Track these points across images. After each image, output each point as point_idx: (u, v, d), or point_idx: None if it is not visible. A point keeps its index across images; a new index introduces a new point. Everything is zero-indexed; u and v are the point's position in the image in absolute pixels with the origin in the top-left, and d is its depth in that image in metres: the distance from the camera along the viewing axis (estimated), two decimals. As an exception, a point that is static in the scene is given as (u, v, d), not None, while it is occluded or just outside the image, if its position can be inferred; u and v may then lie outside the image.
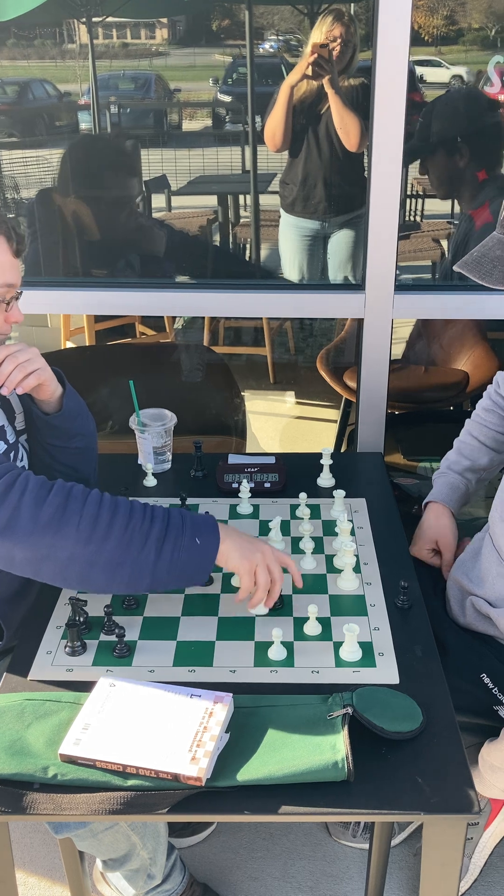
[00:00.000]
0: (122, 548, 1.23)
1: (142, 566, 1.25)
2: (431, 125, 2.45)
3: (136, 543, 1.24)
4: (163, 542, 1.25)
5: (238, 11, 3.59)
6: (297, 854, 1.88)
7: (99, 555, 1.23)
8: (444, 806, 1.08)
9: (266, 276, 3.56)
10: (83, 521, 1.23)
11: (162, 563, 1.25)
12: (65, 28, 3.64)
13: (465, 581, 1.56)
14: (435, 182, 2.55)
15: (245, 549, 1.31)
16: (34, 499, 1.23)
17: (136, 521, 1.25)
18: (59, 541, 1.22)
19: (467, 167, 2.36)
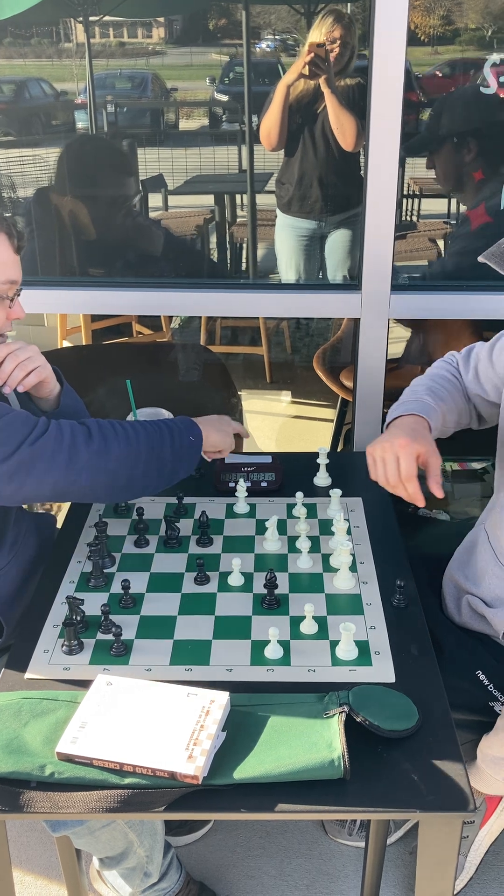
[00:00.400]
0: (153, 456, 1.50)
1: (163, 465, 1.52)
2: (441, 120, 2.44)
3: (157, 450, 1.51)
4: (171, 445, 1.53)
5: (235, 11, 3.59)
6: (293, 852, 1.89)
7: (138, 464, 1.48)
8: (439, 804, 1.08)
9: (263, 276, 3.56)
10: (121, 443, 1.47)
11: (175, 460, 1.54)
12: (61, 27, 3.64)
13: (461, 579, 1.57)
14: (441, 177, 2.55)
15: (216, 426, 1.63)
16: (84, 437, 1.45)
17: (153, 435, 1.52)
18: (109, 463, 1.45)
19: (470, 165, 2.36)
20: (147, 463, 1.49)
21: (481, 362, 1.57)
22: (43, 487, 1.43)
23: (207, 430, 1.61)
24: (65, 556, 1.59)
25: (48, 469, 1.41)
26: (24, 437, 1.40)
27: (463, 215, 2.29)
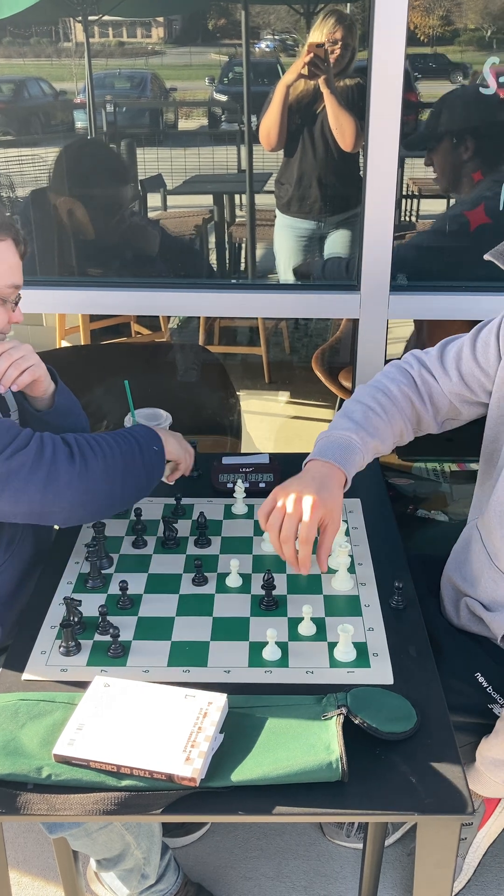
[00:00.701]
0: (129, 470, 1.50)
1: (139, 479, 1.53)
2: (441, 119, 2.44)
3: (131, 463, 1.50)
4: (142, 455, 1.53)
5: (234, 11, 3.58)
6: (291, 854, 1.88)
7: (116, 480, 1.48)
8: (438, 806, 1.08)
9: (262, 276, 3.56)
10: (99, 460, 1.46)
11: (147, 471, 1.54)
12: (61, 26, 3.63)
13: (458, 581, 1.56)
14: (440, 174, 2.54)
15: (170, 436, 1.64)
16: (65, 455, 1.43)
17: (125, 448, 1.51)
18: (90, 483, 1.44)
19: (469, 165, 2.36)
20: (125, 478, 1.48)
21: (464, 362, 1.52)
22: (18, 507, 1.40)
23: (165, 437, 1.60)
24: (62, 556, 1.59)
25: (24, 488, 1.37)
26: (1, 449, 1.37)
27: (462, 216, 2.29)
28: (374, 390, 1.55)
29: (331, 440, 1.46)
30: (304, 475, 1.40)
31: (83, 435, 1.50)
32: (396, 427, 1.53)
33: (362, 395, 1.55)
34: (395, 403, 1.53)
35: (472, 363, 1.51)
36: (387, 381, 1.56)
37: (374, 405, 1.52)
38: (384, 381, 1.57)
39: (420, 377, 1.56)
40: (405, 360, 1.60)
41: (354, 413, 1.51)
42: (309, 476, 1.39)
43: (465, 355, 1.52)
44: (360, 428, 1.47)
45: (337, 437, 1.46)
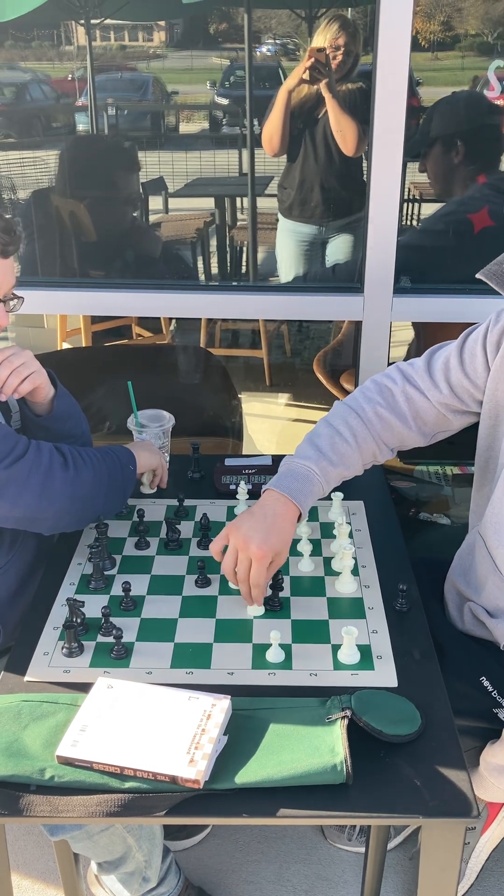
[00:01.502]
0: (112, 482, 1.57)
1: (119, 492, 1.60)
2: (434, 124, 2.45)
3: (114, 476, 1.58)
4: (122, 471, 1.60)
5: (235, 15, 3.59)
6: (292, 857, 1.88)
7: (100, 491, 1.55)
8: (442, 810, 1.07)
9: (263, 279, 3.56)
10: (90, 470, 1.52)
11: (124, 486, 1.61)
12: (63, 30, 3.64)
13: (462, 586, 1.56)
14: (433, 181, 2.55)
15: (142, 447, 1.71)
16: (59, 463, 1.48)
17: (109, 462, 1.58)
18: (79, 489, 1.50)
19: (466, 169, 2.37)
20: (108, 490, 1.56)
21: (453, 373, 1.50)
22: (13, 511, 1.45)
23: (138, 452, 1.67)
24: (65, 557, 1.58)
25: (20, 493, 1.43)
26: (1, 458, 1.40)
27: (464, 218, 2.29)
28: (348, 411, 1.54)
29: (291, 469, 1.47)
30: (258, 510, 1.42)
31: (74, 447, 1.55)
32: (367, 451, 1.53)
33: (334, 416, 1.55)
34: (367, 426, 1.52)
35: (460, 374, 1.50)
36: (362, 401, 1.55)
37: (344, 430, 1.51)
38: (360, 401, 1.56)
39: (404, 394, 1.53)
40: (387, 374, 1.58)
41: (321, 438, 1.51)
42: (262, 513, 1.41)
43: (452, 366, 1.51)
44: (323, 457, 1.48)
45: (297, 468, 1.47)
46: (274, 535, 1.37)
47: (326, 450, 1.49)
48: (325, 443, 1.50)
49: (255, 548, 1.35)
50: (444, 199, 2.71)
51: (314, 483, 1.46)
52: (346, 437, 1.51)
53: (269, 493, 1.44)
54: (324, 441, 1.50)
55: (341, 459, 1.49)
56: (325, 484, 1.48)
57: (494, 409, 1.48)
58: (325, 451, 1.49)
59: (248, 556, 1.36)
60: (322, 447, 1.49)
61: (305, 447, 1.51)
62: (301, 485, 1.44)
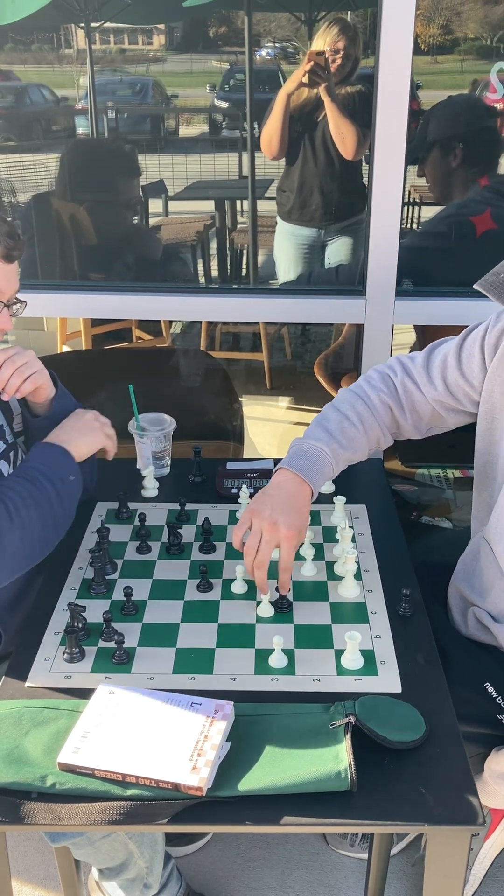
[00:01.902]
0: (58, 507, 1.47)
1: (67, 509, 1.50)
2: (431, 128, 2.45)
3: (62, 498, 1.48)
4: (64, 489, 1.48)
5: (235, 18, 3.59)
6: (294, 863, 1.87)
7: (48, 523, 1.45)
8: (447, 817, 1.07)
9: (263, 282, 3.55)
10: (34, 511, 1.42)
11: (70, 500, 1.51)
12: (62, 33, 3.64)
13: (466, 591, 1.55)
14: (432, 185, 2.55)
15: (79, 430, 1.57)
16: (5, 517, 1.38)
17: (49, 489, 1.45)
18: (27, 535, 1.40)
19: (467, 172, 2.36)
20: (57, 515, 1.46)
21: (450, 371, 1.50)
22: None
23: (75, 444, 1.54)
24: (66, 562, 1.57)
25: None
26: None
27: (467, 220, 2.29)
28: (354, 397, 1.56)
29: (303, 450, 1.47)
30: (274, 492, 1.41)
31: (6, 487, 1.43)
32: (373, 436, 1.54)
33: (341, 402, 1.56)
34: (372, 412, 1.54)
35: (457, 374, 1.50)
36: (367, 388, 1.57)
37: (352, 415, 1.52)
38: (365, 388, 1.57)
39: (402, 385, 1.55)
40: (389, 365, 1.60)
41: (330, 422, 1.51)
42: (280, 494, 1.40)
43: (450, 364, 1.51)
44: (333, 440, 1.48)
45: (309, 448, 1.47)
46: (296, 513, 1.36)
47: (336, 433, 1.49)
48: (335, 426, 1.50)
49: (284, 528, 1.33)
50: (444, 203, 2.71)
51: (325, 464, 1.45)
52: (354, 422, 1.51)
53: (282, 473, 1.44)
54: (333, 424, 1.51)
55: (350, 443, 1.50)
56: (335, 465, 1.48)
57: (490, 410, 1.47)
58: (334, 434, 1.49)
59: (276, 538, 1.33)
60: (332, 430, 1.50)
61: (315, 429, 1.51)
62: (313, 464, 1.44)
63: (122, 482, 1.80)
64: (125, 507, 1.71)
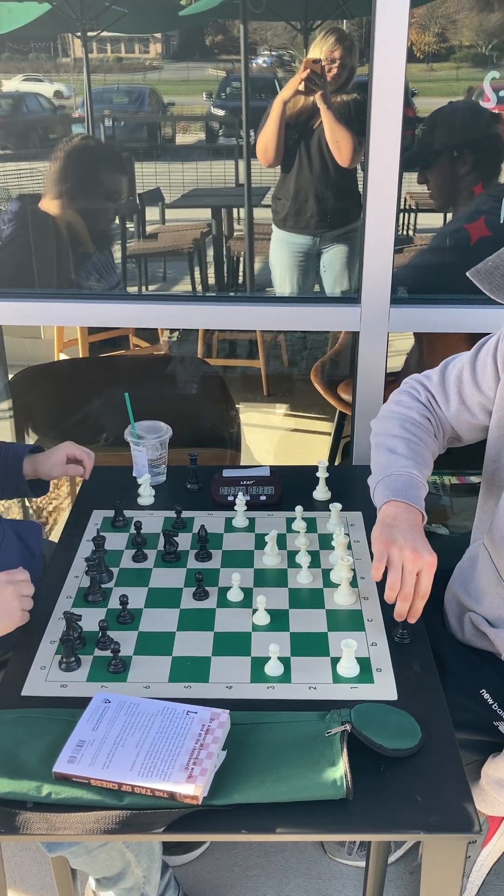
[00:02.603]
0: None
1: None
2: (433, 135, 2.46)
3: None
4: None
5: (231, 27, 3.61)
6: (292, 872, 1.86)
7: None
8: (444, 825, 1.06)
9: (260, 290, 3.56)
10: None
11: None
12: (59, 42, 3.66)
13: (463, 596, 1.55)
14: (435, 192, 2.56)
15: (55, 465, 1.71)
16: None
17: None
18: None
19: (466, 179, 2.37)
20: None
21: (465, 386, 1.52)
22: None
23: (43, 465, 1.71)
24: (62, 570, 1.57)
25: None
26: None
27: (461, 228, 2.30)
28: (402, 421, 1.55)
29: (400, 479, 1.45)
30: (396, 523, 1.38)
31: None
32: (434, 451, 1.56)
33: (391, 428, 1.54)
34: (423, 430, 1.55)
35: (472, 387, 1.51)
36: (406, 410, 1.57)
37: (411, 437, 1.52)
38: (402, 410, 1.57)
39: (428, 403, 1.58)
40: (410, 386, 1.61)
41: (398, 447, 1.50)
42: (403, 524, 1.37)
43: (465, 379, 1.52)
44: (415, 463, 1.47)
45: (402, 475, 1.45)
46: (423, 543, 1.36)
47: (413, 456, 1.49)
48: (407, 450, 1.50)
49: (427, 555, 1.32)
50: (444, 211, 2.72)
51: (421, 486, 1.46)
52: (417, 442, 1.52)
53: (391, 505, 1.41)
54: (403, 448, 1.50)
55: (424, 461, 1.50)
56: (425, 486, 1.48)
57: (502, 419, 1.48)
58: (412, 457, 1.49)
59: (418, 566, 1.32)
60: (408, 454, 1.49)
61: (390, 456, 1.49)
62: (414, 490, 1.44)
63: (118, 490, 1.81)
64: (121, 515, 1.71)
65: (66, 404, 2.49)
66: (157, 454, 1.83)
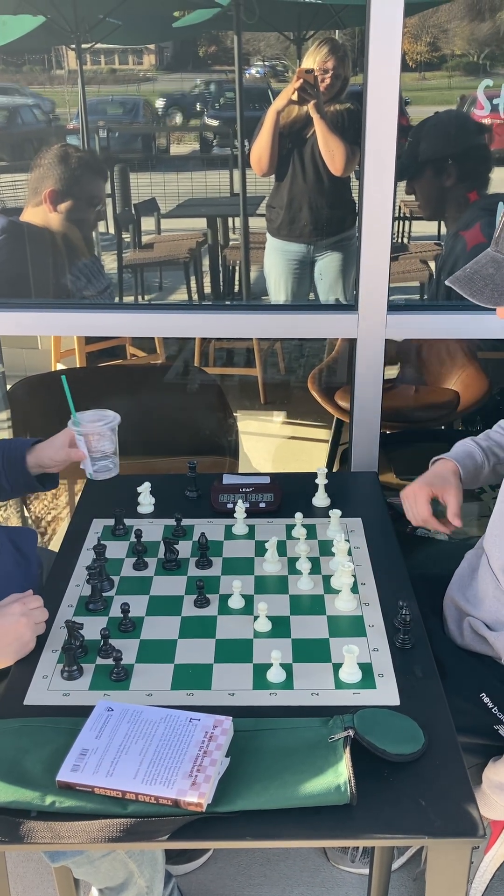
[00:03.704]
0: None
1: None
2: (420, 146, 2.48)
3: None
4: None
5: (224, 38, 3.63)
6: (295, 880, 1.85)
7: None
8: (448, 829, 1.07)
9: (256, 298, 3.57)
10: None
11: None
12: (54, 54, 3.68)
13: (461, 601, 1.56)
14: (423, 203, 2.58)
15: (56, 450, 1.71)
16: None
17: None
18: None
19: (457, 188, 2.39)
20: None
21: None
22: None
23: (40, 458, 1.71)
24: (63, 579, 1.57)
25: None
26: None
27: (457, 235, 2.31)
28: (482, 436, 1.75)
29: (456, 448, 1.71)
30: (426, 473, 1.68)
31: None
32: None
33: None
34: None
35: None
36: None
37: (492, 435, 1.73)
38: None
39: None
40: None
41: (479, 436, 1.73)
42: (429, 473, 1.66)
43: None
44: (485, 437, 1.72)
45: (458, 445, 1.71)
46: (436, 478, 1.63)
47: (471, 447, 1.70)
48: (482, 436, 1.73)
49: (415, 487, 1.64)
50: (434, 220, 2.73)
51: (468, 454, 1.67)
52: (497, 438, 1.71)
53: (434, 464, 1.69)
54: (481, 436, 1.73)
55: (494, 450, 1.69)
56: (475, 458, 1.66)
57: None
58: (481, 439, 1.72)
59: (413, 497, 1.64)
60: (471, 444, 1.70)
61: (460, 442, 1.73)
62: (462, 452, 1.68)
63: (117, 499, 1.81)
64: (121, 523, 1.71)
65: (65, 414, 2.49)
66: (103, 444, 1.68)
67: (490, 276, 1.31)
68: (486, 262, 1.33)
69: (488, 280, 1.31)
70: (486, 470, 1.68)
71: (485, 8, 3.16)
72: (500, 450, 1.70)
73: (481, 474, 1.67)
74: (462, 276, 1.35)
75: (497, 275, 1.30)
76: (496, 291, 1.29)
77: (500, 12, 3.13)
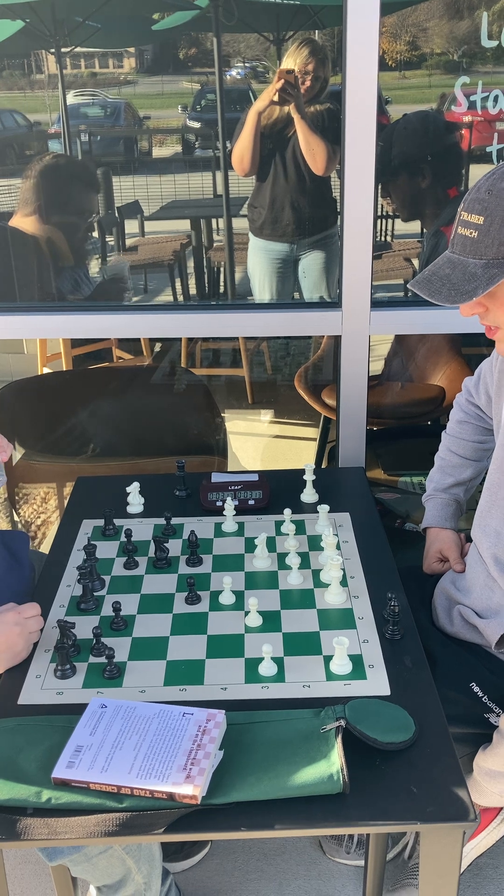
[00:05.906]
0: None
1: None
2: (392, 151, 2.50)
3: None
4: None
5: (205, 40, 3.64)
6: (291, 874, 1.87)
7: None
8: (440, 814, 1.08)
9: (241, 298, 3.58)
10: None
11: None
12: (33, 58, 3.67)
13: (451, 590, 1.58)
14: (399, 205, 2.60)
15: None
16: None
17: None
18: None
19: (434, 187, 2.41)
20: None
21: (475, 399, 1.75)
22: None
23: None
24: (54, 580, 1.58)
25: None
26: None
27: (439, 232, 2.33)
28: (449, 440, 1.81)
29: (428, 494, 1.81)
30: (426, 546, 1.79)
31: None
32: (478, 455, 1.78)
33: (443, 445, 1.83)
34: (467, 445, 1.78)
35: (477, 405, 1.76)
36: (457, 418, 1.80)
37: (450, 458, 1.80)
38: (455, 422, 1.80)
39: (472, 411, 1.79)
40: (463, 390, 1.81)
41: (445, 466, 1.81)
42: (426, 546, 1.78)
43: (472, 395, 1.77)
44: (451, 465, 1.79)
45: (431, 492, 1.81)
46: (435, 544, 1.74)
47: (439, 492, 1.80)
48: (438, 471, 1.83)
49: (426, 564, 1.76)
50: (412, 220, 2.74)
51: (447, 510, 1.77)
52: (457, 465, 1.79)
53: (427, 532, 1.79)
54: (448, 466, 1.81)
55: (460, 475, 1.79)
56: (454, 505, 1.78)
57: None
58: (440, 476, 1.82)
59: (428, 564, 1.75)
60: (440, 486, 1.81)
61: (432, 476, 1.83)
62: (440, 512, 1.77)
63: (107, 500, 1.82)
64: (111, 523, 1.72)
65: (53, 417, 2.51)
66: None
67: (447, 276, 1.33)
68: (443, 264, 1.36)
69: (445, 280, 1.33)
70: (464, 501, 1.79)
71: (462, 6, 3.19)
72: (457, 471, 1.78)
73: (464, 509, 1.80)
74: (421, 279, 1.38)
75: (453, 275, 1.32)
76: (453, 290, 1.31)
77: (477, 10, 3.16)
